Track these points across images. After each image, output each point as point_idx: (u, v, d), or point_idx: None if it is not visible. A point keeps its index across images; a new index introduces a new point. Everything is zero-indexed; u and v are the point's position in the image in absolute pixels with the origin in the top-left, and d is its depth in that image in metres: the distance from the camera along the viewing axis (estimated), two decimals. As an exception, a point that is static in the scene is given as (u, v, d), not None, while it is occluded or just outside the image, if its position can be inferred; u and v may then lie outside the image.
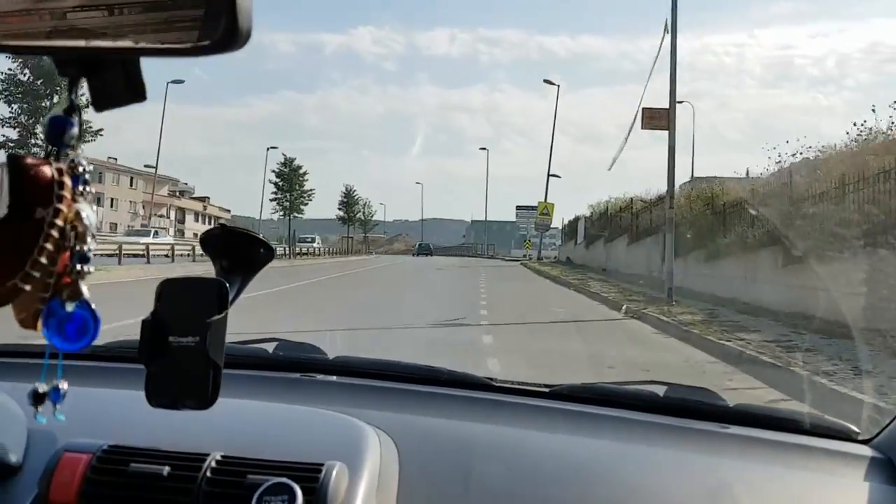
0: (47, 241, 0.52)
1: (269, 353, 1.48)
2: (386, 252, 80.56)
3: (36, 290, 0.53)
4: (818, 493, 1.09)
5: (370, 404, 1.22)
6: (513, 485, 1.03)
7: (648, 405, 1.32)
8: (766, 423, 1.26)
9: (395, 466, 1.03)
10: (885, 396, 4.12)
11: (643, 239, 22.15)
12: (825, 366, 6.32)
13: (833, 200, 11.06)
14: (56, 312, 0.54)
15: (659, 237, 19.29)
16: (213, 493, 0.93)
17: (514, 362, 6.78)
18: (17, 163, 0.52)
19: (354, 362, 1.48)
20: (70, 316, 0.55)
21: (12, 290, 0.52)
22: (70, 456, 0.98)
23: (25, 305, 0.53)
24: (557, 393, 1.36)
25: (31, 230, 0.52)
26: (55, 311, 0.54)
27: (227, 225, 0.80)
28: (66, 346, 0.55)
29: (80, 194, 0.54)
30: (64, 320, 0.55)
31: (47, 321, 0.54)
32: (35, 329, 0.54)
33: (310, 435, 1.11)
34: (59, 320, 0.54)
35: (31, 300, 0.53)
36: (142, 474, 0.96)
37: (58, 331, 0.55)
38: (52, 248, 0.52)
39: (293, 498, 0.90)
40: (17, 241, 0.51)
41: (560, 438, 1.19)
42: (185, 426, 1.00)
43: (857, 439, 1.22)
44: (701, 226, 16.26)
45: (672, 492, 1.04)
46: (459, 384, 1.39)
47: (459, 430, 1.18)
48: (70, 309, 0.54)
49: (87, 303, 0.55)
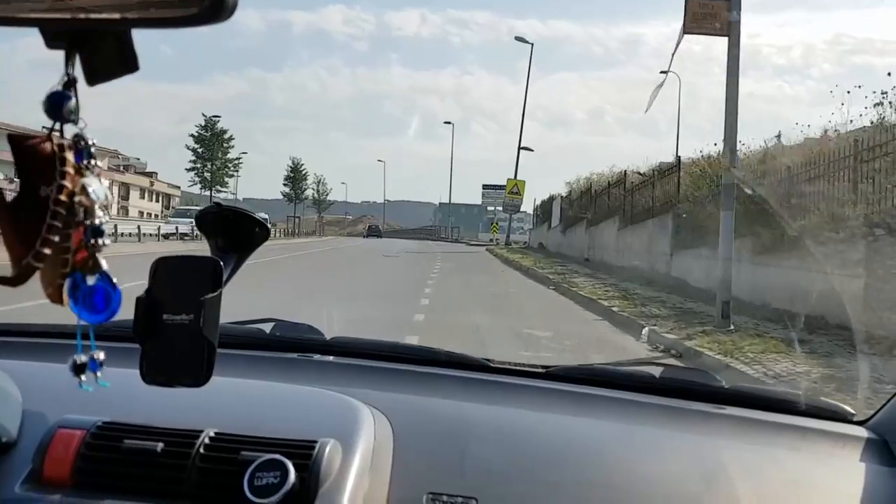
0: (55, 219, 0.53)
1: (266, 334, 1.49)
2: (349, 234, 78.57)
3: (55, 265, 0.54)
4: (813, 474, 1.11)
5: (366, 384, 1.23)
6: (508, 464, 1.04)
7: (644, 386, 1.34)
8: (762, 404, 1.29)
9: (389, 444, 1.05)
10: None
11: (642, 222, 17.50)
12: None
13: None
14: (79, 286, 0.56)
15: (666, 220, 15.66)
16: (207, 469, 0.94)
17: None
18: (17, 142, 0.54)
19: (351, 343, 1.50)
20: (93, 289, 0.57)
21: (27, 269, 0.53)
22: (64, 432, 0.99)
23: (49, 281, 0.56)
24: (554, 374, 1.39)
25: (38, 208, 0.53)
26: (78, 285, 0.56)
27: (223, 203, 0.80)
28: (93, 318, 0.58)
29: (86, 168, 0.55)
30: (87, 293, 0.57)
31: (73, 295, 0.57)
32: (62, 303, 0.56)
33: (304, 413, 1.13)
34: (83, 293, 0.57)
35: (52, 276, 0.55)
36: (136, 450, 0.97)
37: (84, 304, 0.57)
38: (61, 225, 0.53)
39: (286, 474, 0.91)
40: (26, 220, 0.53)
41: (556, 419, 1.21)
42: (180, 404, 1.01)
43: (853, 420, 1.25)
44: (758, 207, 10.47)
45: (668, 472, 1.05)
46: (456, 365, 1.41)
47: (455, 410, 1.20)
48: (91, 282, 0.57)
49: (107, 274, 0.57)
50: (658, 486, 1.03)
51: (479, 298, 11.84)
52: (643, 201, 17.63)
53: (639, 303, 9.98)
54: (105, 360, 1.00)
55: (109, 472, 0.97)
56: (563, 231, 29.44)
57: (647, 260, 15.93)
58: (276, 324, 1.55)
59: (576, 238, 26.32)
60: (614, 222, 20.20)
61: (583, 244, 24.36)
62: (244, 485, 0.92)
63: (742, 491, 1.04)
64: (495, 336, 7.53)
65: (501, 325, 8.31)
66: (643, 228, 16.99)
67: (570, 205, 29.15)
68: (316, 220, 73.32)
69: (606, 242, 21.03)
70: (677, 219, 14.26)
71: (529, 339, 7.28)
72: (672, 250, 14.31)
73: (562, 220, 30.88)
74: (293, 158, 70.62)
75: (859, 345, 6.02)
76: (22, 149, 0.53)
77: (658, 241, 15.45)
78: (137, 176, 72.54)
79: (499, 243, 42.28)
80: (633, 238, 17.92)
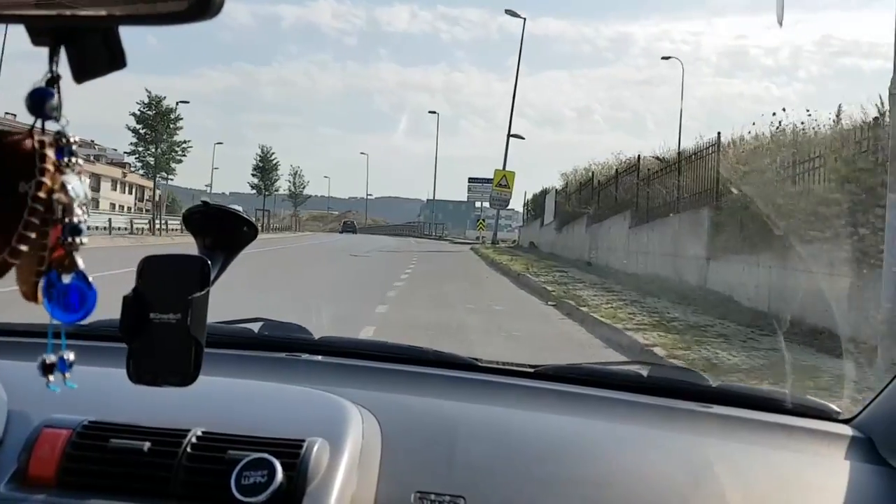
0: (32, 215, 0.53)
1: (254, 333, 1.51)
2: (331, 230, 76.89)
3: (31, 263, 0.55)
4: (799, 472, 1.15)
5: (355, 383, 1.26)
6: (496, 462, 1.07)
7: (632, 385, 1.37)
8: (749, 402, 1.32)
9: (377, 444, 1.07)
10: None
11: (663, 218, 14.51)
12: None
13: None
14: (54, 284, 0.57)
15: (699, 215, 12.49)
16: (194, 469, 0.96)
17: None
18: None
19: (339, 342, 1.53)
20: (68, 287, 0.57)
21: (2, 265, 0.53)
22: (49, 432, 1.01)
23: (24, 279, 0.56)
24: (543, 373, 1.41)
25: (15, 205, 0.53)
26: (53, 283, 0.57)
27: (210, 202, 0.82)
28: (67, 318, 0.58)
29: (66, 166, 0.55)
30: (62, 292, 0.57)
31: (47, 293, 0.57)
32: (37, 301, 0.57)
33: (292, 412, 1.15)
34: (58, 292, 0.57)
35: (28, 273, 0.56)
36: (122, 450, 0.99)
37: (58, 302, 0.57)
38: (38, 222, 0.54)
39: (273, 473, 0.93)
40: (3, 216, 0.53)
41: (544, 417, 1.24)
42: (168, 403, 1.03)
43: (838, 419, 1.28)
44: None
45: (655, 470, 1.09)
46: (445, 364, 1.44)
47: (443, 409, 1.23)
48: (67, 281, 0.57)
49: (83, 274, 0.57)
50: (646, 484, 1.06)
51: (450, 322, 8.28)
52: (664, 193, 14.88)
53: (688, 336, 7.07)
54: (92, 359, 1.07)
55: (95, 472, 0.98)
56: (557, 229, 25.90)
57: (671, 266, 13.27)
58: (264, 323, 1.56)
59: (574, 237, 23.69)
60: (624, 219, 17.40)
61: (583, 245, 21.60)
62: (231, 484, 0.93)
63: (729, 489, 1.06)
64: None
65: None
66: (665, 226, 14.30)
67: (567, 199, 25.42)
68: (292, 215, 68.49)
69: (614, 243, 18.20)
70: (718, 214, 11.51)
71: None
72: (709, 255, 11.62)
73: (556, 216, 27.23)
74: (262, 146, 65.48)
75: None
76: (2, 145, 0.54)
77: (687, 243, 12.73)
78: (109, 167, 70.47)
79: (485, 242, 37.81)
80: (650, 238, 15.24)
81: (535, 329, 8.35)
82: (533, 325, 8.69)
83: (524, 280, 14.67)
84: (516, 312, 9.77)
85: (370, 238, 51.00)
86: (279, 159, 65.04)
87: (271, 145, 73.29)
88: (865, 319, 6.76)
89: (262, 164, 66.32)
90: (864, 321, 6.78)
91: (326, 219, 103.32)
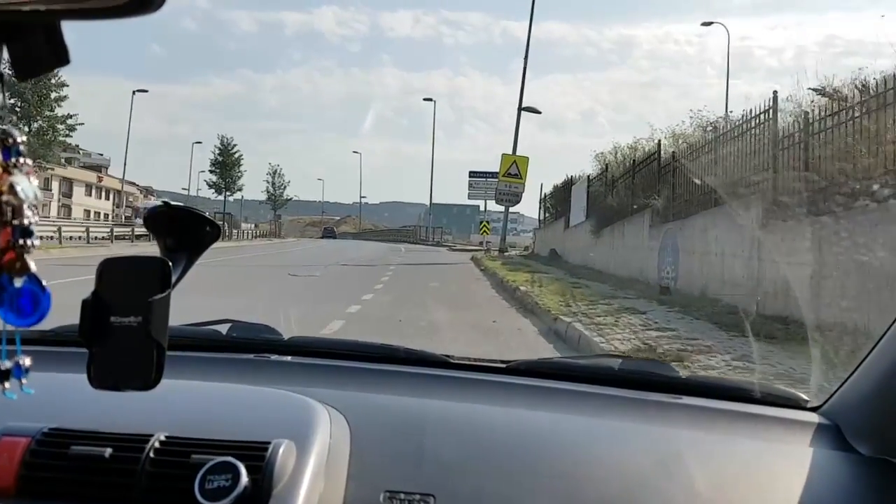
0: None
1: (222, 335, 1.55)
2: (315, 236, 73.88)
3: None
4: (767, 460, 1.20)
5: (324, 383, 1.30)
6: (467, 459, 1.12)
7: (604, 378, 1.43)
8: (718, 393, 1.39)
9: (346, 443, 1.11)
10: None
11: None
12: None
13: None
14: (5, 287, 0.57)
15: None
16: (157, 474, 0.98)
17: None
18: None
19: (309, 342, 1.57)
20: (20, 291, 0.57)
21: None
22: (7, 440, 1.02)
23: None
24: (514, 368, 1.46)
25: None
26: (4, 287, 0.57)
27: (172, 202, 0.82)
28: (20, 322, 0.58)
29: (14, 166, 0.55)
30: (14, 295, 0.57)
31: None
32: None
33: (258, 414, 1.18)
34: (9, 296, 0.57)
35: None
36: (83, 456, 1.00)
37: (10, 307, 0.57)
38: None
39: (237, 476, 0.95)
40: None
41: (516, 413, 1.29)
42: (130, 408, 1.07)
43: (806, 407, 1.35)
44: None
45: (625, 462, 1.15)
46: (415, 362, 1.48)
47: (414, 407, 1.27)
48: (19, 284, 0.57)
49: (36, 277, 0.58)
50: (616, 475, 1.12)
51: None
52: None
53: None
54: (52, 365, 1.08)
55: (56, 480, 0.99)
56: (594, 231, 18.21)
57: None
58: (232, 325, 1.59)
59: (624, 243, 16.71)
60: (747, 209, 9.96)
61: (644, 256, 14.69)
62: (195, 488, 0.95)
63: (698, 478, 1.12)
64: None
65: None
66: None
67: (609, 188, 16.71)
68: (272, 221, 59.65)
69: (718, 254, 10.75)
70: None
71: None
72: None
73: (591, 213, 21.32)
74: (222, 137, 56.38)
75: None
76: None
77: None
78: (82, 170, 66.09)
79: (490, 249, 28.75)
80: (832, 241, 8.03)
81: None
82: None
83: (588, 344, 7.59)
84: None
85: (355, 245, 46.60)
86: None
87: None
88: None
89: (222, 157, 56.41)
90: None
91: (321, 224, 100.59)
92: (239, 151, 58.50)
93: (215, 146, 58.74)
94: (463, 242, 52.30)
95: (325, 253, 31.87)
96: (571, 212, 24.15)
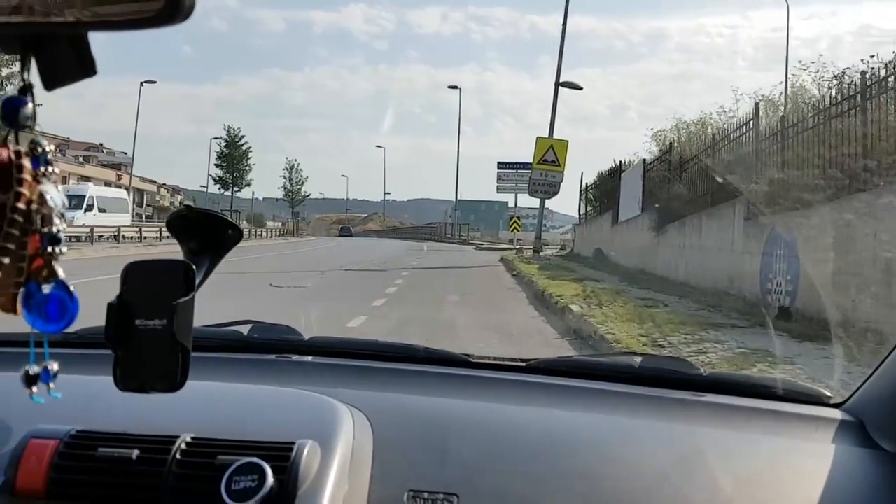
0: (12, 226, 0.55)
1: (243, 336, 1.56)
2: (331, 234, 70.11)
3: (9, 274, 0.57)
4: (791, 457, 1.22)
5: (345, 383, 1.32)
6: (489, 458, 1.14)
7: (624, 376, 1.42)
8: (740, 390, 1.39)
9: (369, 444, 1.14)
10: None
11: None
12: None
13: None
14: (34, 294, 0.58)
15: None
16: (183, 475, 1.01)
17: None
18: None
19: (330, 342, 1.58)
20: (48, 297, 0.58)
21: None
22: (36, 442, 1.05)
23: (2, 290, 0.57)
24: (534, 367, 1.46)
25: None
26: (33, 294, 0.58)
27: (193, 206, 0.86)
28: (48, 328, 0.59)
29: (43, 175, 0.57)
30: (42, 302, 0.58)
31: (27, 304, 0.58)
32: (15, 312, 0.58)
33: (282, 415, 1.20)
34: (37, 302, 0.58)
35: (6, 285, 0.57)
36: (110, 458, 1.02)
37: (38, 313, 0.59)
38: (19, 233, 0.55)
39: (263, 477, 0.97)
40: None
41: (536, 412, 1.30)
42: (156, 410, 1.09)
43: (829, 403, 1.35)
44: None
45: (647, 460, 1.16)
46: (436, 361, 1.48)
47: (435, 406, 1.28)
48: (47, 290, 0.58)
49: (64, 283, 0.59)
50: (638, 475, 1.14)
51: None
52: None
53: None
54: (78, 367, 1.07)
55: (84, 482, 1.02)
56: (655, 227, 16.78)
57: None
58: (253, 325, 1.60)
59: (698, 245, 13.00)
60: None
61: (737, 265, 10.77)
62: (221, 489, 0.97)
63: (720, 476, 1.13)
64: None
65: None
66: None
67: (676, 171, 12.78)
68: (291, 220, 56.04)
69: (870, 264, 7.46)
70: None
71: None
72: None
73: (648, 205, 17.42)
74: (229, 127, 52.40)
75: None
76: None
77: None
78: (101, 168, 64.69)
79: (522, 248, 24.91)
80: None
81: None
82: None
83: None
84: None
85: (373, 243, 44.73)
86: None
87: (236, 128, 59.18)
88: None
89: (228, 149, 52.05)
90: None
91: (350, 223, 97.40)
92: (247, 143, 55.19)
93: (221, 138, 54.71)
94: (491, 240, 50.47)
95: (333, 255, 29.26)
96: (621, 204, 20.86)
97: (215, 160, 55.01)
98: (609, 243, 21.53)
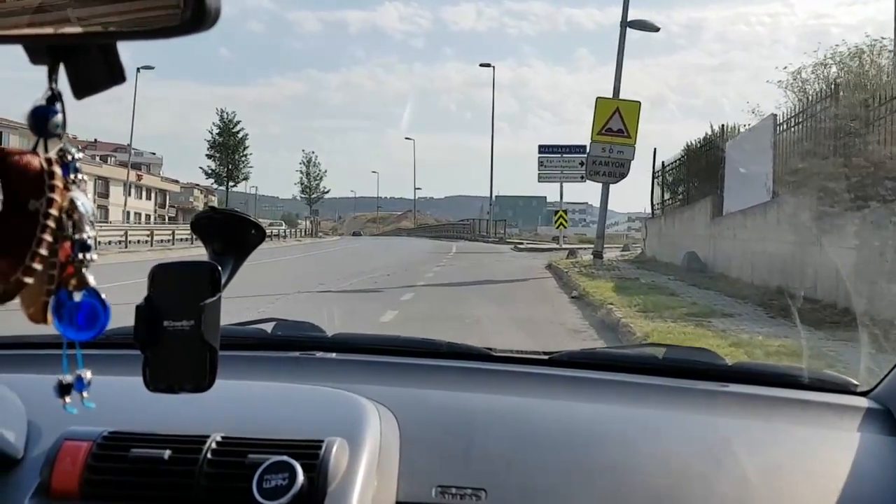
0: (45, 233, 0.55)
1: (267, 334, 1.59)
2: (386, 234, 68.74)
3: (41, 282, 0.57)
4: (817, 446, 1.23)
5: (370, 380, 1.34)
6: (515, 452, 1.16)
7: (648, 368, 1.44)
8: (765, 380, 1.40)
9: (395, 440, 1.16)
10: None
11: None
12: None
13: None
14: (64, 303, 0.58)
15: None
16: (215, 474, 1.04)
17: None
18: (3, 157, 0.56)
19: (353, 339, 1.60)
20: (79, 305, 0.59)
21: (16, 285, 0.55)
22: (70, 444, 1.08)
23: (33, 299, 0.58)
24: (557, 360, 1.48)
25: (27, 223, 0.56)
26: (63, 302, 0.58)
27: (218, 207, 0.87)
28: (79, 336, 0.60)
29: (73, 182, 0.58)
30: (73, 310, 0.59)
31: (58, 312, 0.58)
32: (46, 322, 0.59)
33: (310, 412, 1.23)
34: (68, 311, 0.59)
35: (37, 293, 0.58)
36: (143, 459, 1.06)
37: (69, 321, 0.59)
38: (51, 240, 0.56)
39: (294, 475, 0.99)
40: (14, 235, 0.55)
41: (560, 405, 1.31)
42: (185, 409, 1.13)
43: (856, 391, 1.36)
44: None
45: (672, 451, 1.18)
46: (459, 356, 1.51)
47: (459, 401, 1.30)
48: (78, 298, 0.58)
49: (95, 290, 0.59)
50: (664, 467, 1.15)
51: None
52: None
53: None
54: (108, 368, 1.05)
55: (118, 482, 1.05)
56: (817, 219, 9.05)
57: None
58: (277, 323, 1.63)
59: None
60: None
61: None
62: (253, 488, 1.00)
63: (746, 466, 1.14)
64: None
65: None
66: None
67: (857, 124, 6.27)
68: (308, 218, 50.32)
69: None
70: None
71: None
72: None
73: (783, 188, 11.68)
74: (222, 111, 46.42)
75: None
76: (7, 164, 0.56)
77: None
78: (120, 168, 58.92)
79: (573, 251, 18.82)
80: None
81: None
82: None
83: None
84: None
85: (395, 244, 39.37)
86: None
87: (230, 112, 49.89)
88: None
89: (222, 136, 45.49)
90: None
91: (385, 221, 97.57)
92: (243, 130, 48.63)
93: (213, 123, 48.03)
94: (531, 237, 45.76)
95: (332, 261, 23.36)
96: (726, 188, 14.67)
97: (206, 150, 49.16)
98: (707, 245, 15.09)
